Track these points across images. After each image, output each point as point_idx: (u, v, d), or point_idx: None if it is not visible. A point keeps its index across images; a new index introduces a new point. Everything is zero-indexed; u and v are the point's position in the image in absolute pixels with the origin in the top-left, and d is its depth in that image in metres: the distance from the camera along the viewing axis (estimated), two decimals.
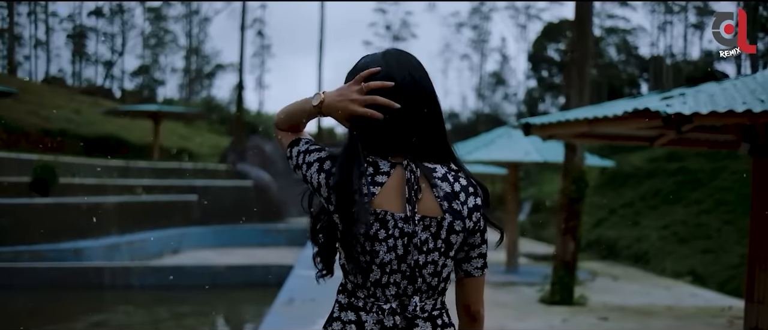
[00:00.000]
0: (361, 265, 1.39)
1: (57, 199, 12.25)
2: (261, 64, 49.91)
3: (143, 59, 48.13)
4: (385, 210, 1.38)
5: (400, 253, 1.38)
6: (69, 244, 11.45)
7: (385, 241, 1.38)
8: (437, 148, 1.45)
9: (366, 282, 1.41)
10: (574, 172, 7.24)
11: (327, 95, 1.45)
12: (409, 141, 1.42)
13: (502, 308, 7.10)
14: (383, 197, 1.39)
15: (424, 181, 1.40)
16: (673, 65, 39.92)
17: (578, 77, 7.25)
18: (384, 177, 1.40)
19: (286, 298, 6.99)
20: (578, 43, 7.49)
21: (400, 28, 51.33)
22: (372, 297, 1.41)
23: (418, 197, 1.39)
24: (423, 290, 1.41)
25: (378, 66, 1.44)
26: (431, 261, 1.40)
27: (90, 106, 26.70)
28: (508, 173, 10.46)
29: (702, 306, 7.67)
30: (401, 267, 1.39)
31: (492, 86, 51.89)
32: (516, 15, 51.04)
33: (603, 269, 10.60)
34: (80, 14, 45.07)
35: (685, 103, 3.89)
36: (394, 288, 1.40)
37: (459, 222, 1.40)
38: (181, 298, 9.71)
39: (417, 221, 1.39)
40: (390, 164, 1.42)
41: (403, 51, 1.50)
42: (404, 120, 1.41)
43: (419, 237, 1.39)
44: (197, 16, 47.72)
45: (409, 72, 1.44)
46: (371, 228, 1.38)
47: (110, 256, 11.83)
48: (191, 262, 12.30)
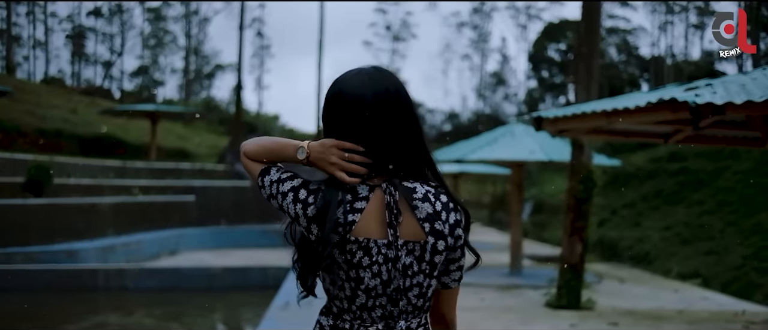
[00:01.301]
0: (346, 291, 1.39)
1: (51, 200, 12.06)
2: (260, 65, 49.81)
3: (142, 60, 48.01)
4: (367, 238, 1.36)
5: (384, 278, 1.37)
6: (63, 245, 11.26)
7: (369, 267, 1.37)
8: (418, 166, 1.43)
9: (352, 307, 1.40)
10: (581, 172, 7.00)
11: (311, 149, 1.43)
12: (387, 164, 1.40)
13: (508, 313, 6.88)
14: (364, 224, 1.37)
15: (405, 204, 1.38)
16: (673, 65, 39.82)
17: (586, 72, 7.02)
18: (363, 202, 1.38)
19: (283, 301, 6.79)
20: (586, 37, 7.26)
21: (400, 28, 51.21)
22: (358, 319, 1.40)
23: (398, 221, 1.36)
24: (409, 311, 1.41)
25: (358, 86, 1.40)
26: (416, 284, 1.39)
27: (87, 105, 26.51)
28: (512, 173, 10.23)
29: (714, 310, 7.44)
30: (386, 291, 1.38)
31: (492, 86, 51.74)
32: (516, 15, 50.91)
33: (608, 271, 10.37)
34: (79, 14, 44.98)
35: (715, 92, 3.58)
36: (380, 310, 1.39)
37: (442, 242, 1.39)
38: (176, 301, 9.51)
39: (400, 246, 1.37)
40: (368, 188, 1.39)
41: (382, 69, 1.46)
42: (381, 142, 1.39)
43: (403, 261, 1.37)
44: (196, 16, 47.60)
45: (387, 90, 1.41)
46: (355, 256, 1.36)
47: (105, 257, 11.63)
48: (188, 264, 12.11)
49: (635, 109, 3.88)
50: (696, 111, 3.42)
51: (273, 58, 79.88)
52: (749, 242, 15.50)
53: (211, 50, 51.24)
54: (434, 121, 50.54)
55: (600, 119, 4.29)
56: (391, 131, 1.39)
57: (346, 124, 1.40)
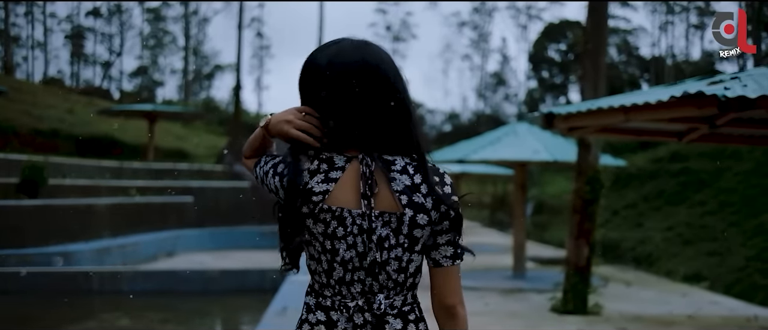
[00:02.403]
0: (323, 264, 1.38)
1: (46, 201, 11.88)
2: (260, 65, 49.61)
3: (142, 60, 47.87)
4: (341, 207, 1.35)
5: (360, 250, 1.35)
6: (58, 247, 11.07)
7: (343, 238, 1.35)
8: (399, 140, 1.38)
9: (330, 280, 1.38)
10: (588, 172, 6.80)
11: (273, 117, 1.47)
12: (356, 134, 1.36)
13: (513, 318, 6.68)
14: (338, 193, 1.35)
15: (381, 175, 1.35)
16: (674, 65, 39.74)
17: (593, 69, 6.82)
18: (339, 172, 1.36)
19: (279, 306, 6.59)
20: (593, 33, 7.04)
21: (401, 28, 51.08)
22: (338, 295, 1.38)
23: (373, 192, 1.34)
24: (390, 287, 1.37)
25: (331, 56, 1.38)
26: (395, 257, 1.36)
27: (84, 105, 26.31)
28: (515, 173, 10.02)
29: (725, 315, 7.22)
30: (363, 264, 1.35)
31: (493, 87, 51.59)
32: (517, 15, 50.77)
33: (613, 274, 10.16)
34: (78, 15, 44.83)
35: (745, 85, 3.35)
36: (359, 285, 1.37)
37: (423, 215, 1.35)
38: (171, 305, 9.32)
39: (375, 217, 1.34)
40: (345, 159, 1.38)
41: (369, 43, 1.43)
42: (358, 112, 1.36)
43: (379, 233, 1.34)
44: (196, 16, 47.44)
45: (365, 60, 1.37)
46: (329, 226, 1.35)
47: (101, 259, 11.44)
48: (184, 267, 11.92)
49: (657, 105, 3.61)
50: (725, 105, 3.20)
51: (273, 58, 79.89)
52: (752, 243, 15.37)
53: (211, 50, 51.11)
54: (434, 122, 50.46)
55: (617, 115, 4.04)
56: (367, 104, 1.35)
57: (316, 93, 1.39)
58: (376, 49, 1.41)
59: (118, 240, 12.58)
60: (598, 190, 6.85)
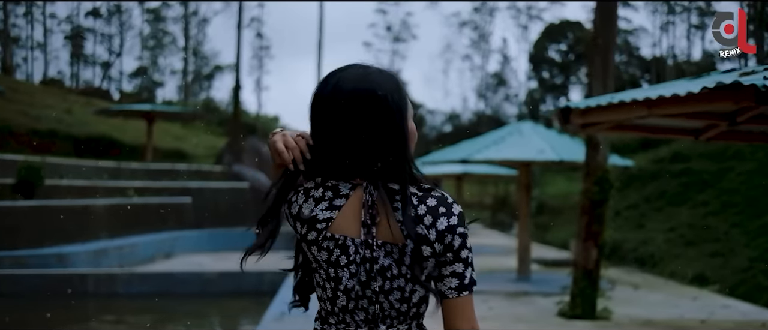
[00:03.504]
0: (328, 292, 1.39)
1: (42, 202, 11.71)
2: (260, 66, 49.43)
3: (142, 61, 47.71)
4: (344, 235, 1.35)
5: (363, 279, 1.35)
6: (53, 249, 10.90)
7: (346, 267, 1.36)
8: (397, 169, 1.36)
9: (334, 308, 1.40)
10: (597, 172, 6.59)
11: (272, 135, 1.48)
12: (367, 163, 1.36)
13: (519, 323, 6.48)
14: (342, 221, 1.36)
15: (384, 205, 1.34)
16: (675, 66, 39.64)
17: (602, 66, 6.62)
18: (342, 200, 1.37)
19: (278, 312, 6.39)
20: (602, 28, 6.84)
21: (401, 28, 50.93)
22: (342, 322, 1.39)
23: (375, 221, 1.33)
24: (393, 316, 1.37)
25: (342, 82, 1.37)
26: (397, 287, 1.35)
27: (82, 106, 26.15)
28: (520, 174, 9.83)
29: (738, 319, 7.01)
30: (366, 293, 1.36)
31: (493, 87, 51.44)
32: (517, 15, 50.63)
33: (620, 277, 9.96)
34: (78, 15, 44.70)
35: None
36: (362, 314, 1.37)
37: (426, 247, 1.32)
38: (167, 308, 9.15)
39: (378, 246, 1.34)
40: (350, 186, 1.38)
41: (382, 70, 1.41)
42: (362, 141, 1.35)
43: (381, 263, 1.34)
44: (196, 17, 47.30)
45: (369, 89, 1.35)
46: (332, 254, 1.36)
47: (98, 261, 11.27)
48: (181, 269, 11.76)
49: (687, 97, 3.34)
50: (763, 97, 2.98)
51: (273, 59, 79.78)
52: (755, 244, 15.22)
53: (211, 51, 50.95)
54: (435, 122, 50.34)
55: (640, 110, 3.77)
56: (371, 133, 1.35)
57: (323, 121, 1.38)
58: (380, 77, 1.39)
59: (115, 241, 12.41)
60: (607, 191, 6.66)
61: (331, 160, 1.38)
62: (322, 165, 1.40)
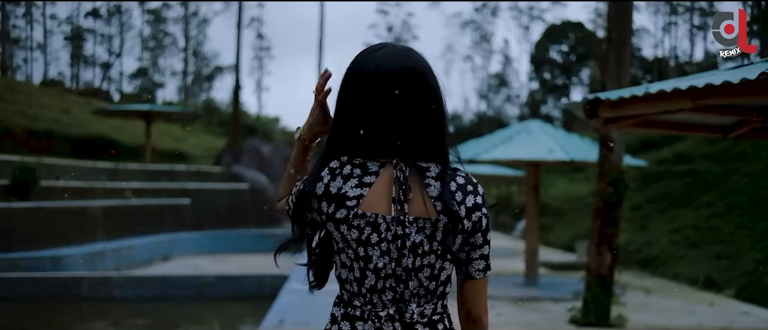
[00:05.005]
0: (355, 272, 1.36)
1: (37, 203, 11.53)
2: (260, 67, 49.30)
3: (142, 61, 47.59)
4: (375, 213, 1.34)
5: (394, 256, 1.34)
6: (49, 251, 10.72)
7: (377, 245, 1.34)
8: (432, 147, 1.39)
9: (362, 289, 1.37)
10: (611, 172, 6.34)
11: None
12: (396, 140, 1.36)
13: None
14: (372, 198, 1.35)
15: (416, 181, 1.35)
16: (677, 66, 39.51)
17: (616, 61, 6.41)
18: (372, 177, 1.36)
19: (276, 319, 6.22)
20: (617, 22, 6.62)
21: (402, 29, 50.80)
22: (369, 304, 1.37)
23: (407, 197, 1.33)
24: (421, 295, 1.36)
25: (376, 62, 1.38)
26: (427, 264, 1.35)
27: (80, 106, 25.96)
28: (527, 174, 9.61)
29: (760, 327, 6.74)
30: (396, 271, 1.34)
31: (494, 88, 51.31)
32: (519, 16, 50.51)
33: (629, 280, 9.70)
34: (78, 16, 44.57)
35: None
36: (391, 293, 1.35)
37: (457, 223, 1.34)
38: (163, 312, 8.97)
39: (409, 222, 1.33)
40: (379, 164, 1.38)
41: (410, 49, 1.43)
42: (399, 118, 1.36)
43: (413, 239, 1.33)
44: (196, 17, 47.19)
45: (409, 67, 1.37)
46: (363, 232, 1.34)
47: (94, 264, 11.10)
48: (179, 272, 11.59)
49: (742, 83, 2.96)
50: None
51: (273, 59, 79.67)
52: (761, 246, 15.04)
53: (211, 52, 50.83)
54: None
55: (683, 101, 3.40)
56: (408, 110, 1.36)
57: (358, 99, 1.37)
58: (419, 56, 1.42)
59: (113, 243, 12.26)
60: (622, 192, 6.41)
61: (369, 139, 1.37)
62: (349, 143, 1.38)
